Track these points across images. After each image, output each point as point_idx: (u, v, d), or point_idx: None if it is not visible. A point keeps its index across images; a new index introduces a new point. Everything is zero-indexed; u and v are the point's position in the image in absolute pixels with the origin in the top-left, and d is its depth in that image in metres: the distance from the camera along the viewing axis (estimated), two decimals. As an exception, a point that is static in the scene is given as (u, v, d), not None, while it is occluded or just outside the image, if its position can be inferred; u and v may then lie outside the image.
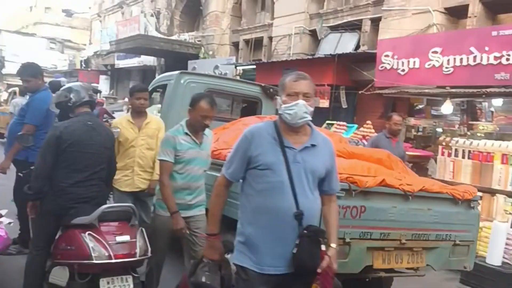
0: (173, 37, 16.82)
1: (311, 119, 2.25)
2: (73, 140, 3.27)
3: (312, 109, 2.22)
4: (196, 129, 3.43)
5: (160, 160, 3.40)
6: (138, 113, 4.24)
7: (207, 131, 3.54)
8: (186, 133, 3.41)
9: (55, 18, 38.75)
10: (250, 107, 6.40)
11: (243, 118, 5.54)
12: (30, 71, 4.73)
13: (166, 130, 5.52)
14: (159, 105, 7.02)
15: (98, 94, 22.44)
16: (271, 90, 6.39)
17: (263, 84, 6.39)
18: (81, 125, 3.38)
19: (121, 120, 4.32)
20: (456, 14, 8.32)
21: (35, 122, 4.51)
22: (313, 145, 2.27)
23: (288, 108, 2.19)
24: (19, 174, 4.62)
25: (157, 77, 7.24)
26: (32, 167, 3.60)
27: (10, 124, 5.28)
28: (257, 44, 13.64)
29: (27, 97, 10.96)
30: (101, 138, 3.48)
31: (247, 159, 2.27)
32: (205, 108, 3.34)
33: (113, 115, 12.32)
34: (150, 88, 7.07)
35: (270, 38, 12.87)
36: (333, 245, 2.27)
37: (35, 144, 4.31)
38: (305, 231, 2.18)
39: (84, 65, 26.59)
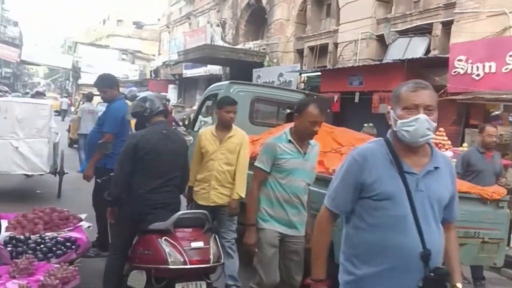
0: (238, 46, 17.11)
1: (433, 136, 1.92)
2: (150, 148, 3.41)
3: (435, 124, 1.85)
4: (302, 137, 3.19)
5: (255, 166, 3.25)
6: (224, 126, 4.11)
7: (313, 142, 3.30)
8: (290, 141, 3.19)
9: (126, 30, 40.73)
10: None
11: (287, 124, 5.47)
12: (106, 82, 4.98)
13: None
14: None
15: (167, 102, 23.31)
16: (315, 97, 6.73)
17: (307, 91, 6.71)
18: (157, 134, 3.53)
19: (205, 132, 4.23)
20: (536, 15, 7.83)
21: (113, 130, 4.73)
22: (436, 168, 1.91)
23: (406, 124, 1.83)
24: (98, 180, 4.86)
25: (210, 87, 7.58)
26: (110, 174, 3.78)
27: (90, 133, 5.58)
28: (322, 50, 13.56)
29: (94, 103, 11.47)
30: (175, 145, 3.61)
31: (359, 187, 1.91)
32: (315, 113, 3.11)
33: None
34: (203, 97, 7.66)
35: (336, 45, 12.74)
36: (459, 285, 1.95)
37: (113, 151, 4.53)
38: (431, 274, 1.83)
39: (153, 75, 27.70)
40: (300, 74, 13.15)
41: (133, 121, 4.54)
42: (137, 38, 39.96)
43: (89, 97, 11.97)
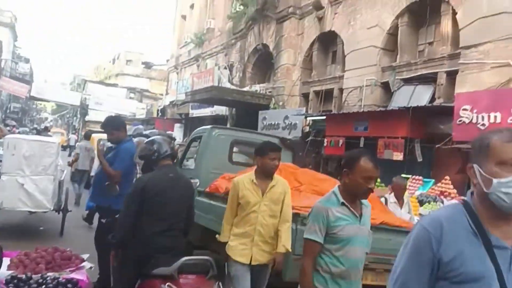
0: (245, 88, 17.37)
1: None
2: (157, 191, 3.44)
3: None
4: (355, 197, 2.71)
5: (306, 239, 2.70)
6: (267, 175, 3.77)
7: (365, 201, 2.82)
8: (343, 203, 2.68)
9: (135, 69, 41.57)
10: None
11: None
12: (113, 125, 5.08)
13: (198, 178, 6.46)
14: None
15: (173, 141, 23.44)
16: (288, 141, 7.64)
17: (281, 136, 7.66)
18: (164, 177, 3.56)
19: (244, 180, 3.82)
20: (540, 67, 7.95)
21: (122, 169, 4.77)
22: None
23: (507, 185, 1.44)
24: (102, 220, 4.85)
25: (196, 130, 8.40)
26: (116, 216, 3.78)
27: (96, 173, 5.63)
28: (327, 95, 13.73)
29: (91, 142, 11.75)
30: (182, 189, 3.64)
31: (436, 266, 1.51)
32: (368, 168, 2.63)
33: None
34: (190, 139, 8.54)
35: (341, 90, 12.91)
36: None
37: (119, 192, 4.56)
38: None
39: (160, 114, 28.01)
40: (306, 117, 13.28)
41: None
42: (146, 77, 40.76)
43: (86, 136, 12.79)
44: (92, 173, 9.88)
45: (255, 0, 16.88)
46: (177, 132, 24.73)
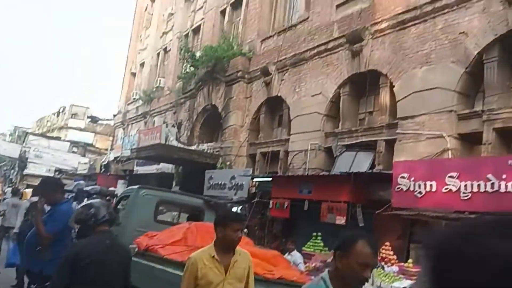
0: (193, 147, 17.36)
1: None
2: (91, 259, 3.28)
3: None
4: (347, 285, 2.33)
5: None
6: (228, 248, 3.37)
7: None
8: None
9: (80, 123, 40.68)
10: (195, 216, 8.00)
11: (184, 224, 6.87)
12: (49, 187, 4.92)
13: (123, 236, 6.49)
14: None
15: (115, 199, 22.72)
16: (212, 202, 8.15)
17: (205, 198, 8.26)
18: (100, 244, 3.42)
19: (202, 257, 3.36)
20: (470, 140, 8.53)
21: (55, 232, 4.55)
22: None
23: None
24: (32, 287, 4.56)
25: (124, 189, 8.87)
26: (46, 283, 3.57)
27: (27, 237, 5.34)
28: (274, 156, 13.96)
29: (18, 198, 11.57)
30: (119, 257, 3.50)
31: None
32: (367, 253, 2.27)
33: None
34: (119, 198, 9.16)
35: (286, 153, 13.19)
36: None
37: (52, 257, 4.32)
38: None
39: (103, 169, 27.25)
40: (252, 178, 13.35)
41: None
42: (91, 132, 39.93)
43: (14, 192, 12.56)
44: (16, 230, 9.43)
45: (205, 63, 17.28)
46: (120, 189, 23.98)
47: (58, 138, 37.76)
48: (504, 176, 6.72)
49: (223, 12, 19.57)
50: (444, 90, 8.79)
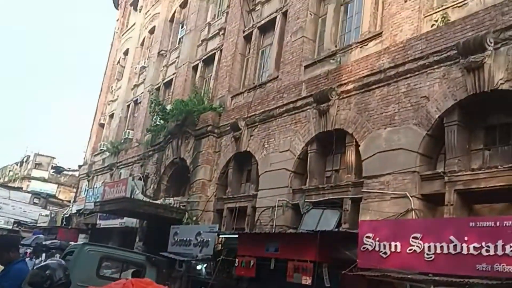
0: (159, 201, 17.05)
1: None
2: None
3: None
4: None
5: None
6: None
7: None
8: None
9: (44, 173, 39.61)
10: (138, 272, 8.63)
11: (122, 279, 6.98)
12: (3, 245, 4.71)
13: None
14: None
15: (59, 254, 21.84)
16: (154, 259, 8.99)
17: (147, 254, 8.98)
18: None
19: None
20: (433, 201, 8.68)
21: None
22: None
23: None
24: None
25: (70, 245, 9.65)
26: None
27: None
28: (241, 212, 13.82)
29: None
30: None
31: None
32: None
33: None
34: (64, 253, 9.66)
35: (254, 208, 13.10)
36: None
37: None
38: None
39: (65, 222, 26.35)
40: (218, 235, 13.12)
41: None
42: (54, 182, 38.84)
43: None
44: None
45: (175, 116, 17.36)
46: (82, 243, 23.24)
47: (19, 189, 36.46)
48: (465, 238, 6.80)
49: (195, 68, 19.96)
50: (407, 151, 9.03)
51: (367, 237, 8.23)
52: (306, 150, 11.82)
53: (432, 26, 9.55)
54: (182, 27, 22.48)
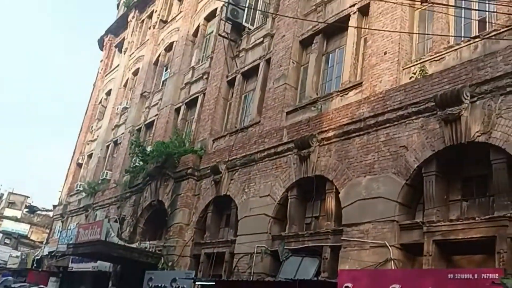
0: (134, 245, 16.61)
1: None
2: None
3: None
4: None
5: None
6: None
7: None
8: None
9: (17, 213, 38.48)
10: None
11: None
12: None
13: None
14: None
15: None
16: None
17: None
18: None
19: None
20: (412, 250, 8.64)
21: None
22: None
23: None
24: None
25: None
26: None
27: None
28: (219, 259, 13.51)
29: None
30: None
31: None
32: None
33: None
34: None
35: (232, 254, 12.83)
36: None
37: None
38: None
39: (35, 265, 25.40)
40: (194, 282, 12.74)
41: None
42: (27, 222, 37.69)
43: None
44: None
45: (156, 158, 17.21)
46: (52, 287, 22.29)
47: (-11, 228, 35.33)
48: (444, 291, 6.75)
49: (177, 110, 20.02)
50: (386, 200, 9.05)
51: (346, 287, 8.09)
52: (286, 195, 11.77)
53: (410, 78, 9.82)
54: (166, 70, 22.70)
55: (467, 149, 8.37)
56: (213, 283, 11.85)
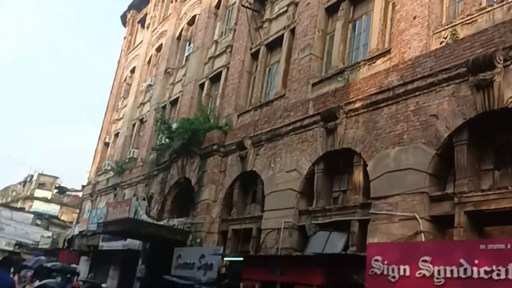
0: (162, 222, 16.77)
1: None
2: None
3: None
4: None
5: None
6: None
7: None
8: None
9: (47, 194, 39.42)
10: None
11: None
12: None
13: None
14: None
15: (75, 277, 21.49)
16: None
17: None
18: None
19: None
20: (443, 223, 8.35)
21: None
22: None
23: None
24: None
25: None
26: None
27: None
28: (246, 235, 13.50)
29: None
30: None
31: None
32: None
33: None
34: None
35: (260, 230, 12.78)
36: None
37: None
38: None
39: (67, 244, 26.02)
40: (223, 258, 12.79)
41: None
42: (57, 203, 38.58)
43: None
44: None
45: (181, 135, 17.20)
46: (83, 266, 22.87)
47: (22, 209, 36.21)
48: (476, 261, 6.51)
49: (201, 86, 19.90)
50: (416, 171, 8.76)
51: (375, 260, 7.92)
52: (313, 170, 11.55)
53: (441, 43, 9.39)
54: (189, 44, 22.49)
55: (500, 116, 7.97)
56: (241, 259, 11.85)
